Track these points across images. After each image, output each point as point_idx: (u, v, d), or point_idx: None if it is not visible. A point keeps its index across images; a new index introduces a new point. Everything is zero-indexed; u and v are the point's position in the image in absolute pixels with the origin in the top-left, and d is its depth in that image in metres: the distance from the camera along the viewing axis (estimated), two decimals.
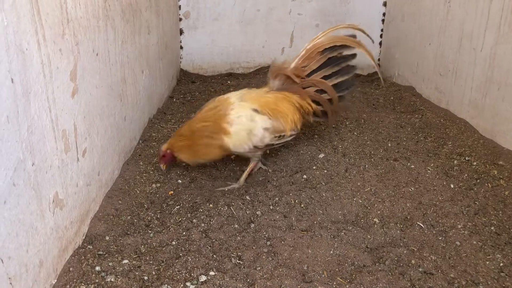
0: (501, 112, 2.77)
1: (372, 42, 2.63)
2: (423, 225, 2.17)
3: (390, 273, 1.86)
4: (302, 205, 2.31)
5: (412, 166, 2.67)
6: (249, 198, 2.35)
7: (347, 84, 2.69)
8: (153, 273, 1.79)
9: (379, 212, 2.27)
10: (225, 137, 2.34)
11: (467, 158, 2.72)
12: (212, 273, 1.80)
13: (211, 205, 2.28)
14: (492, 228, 2.13)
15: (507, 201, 2.30)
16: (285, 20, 4.49)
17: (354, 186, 2.48)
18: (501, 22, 2.75)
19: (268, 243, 2.02)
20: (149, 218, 2.17)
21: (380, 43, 4.55)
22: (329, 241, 2.04)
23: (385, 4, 4.41)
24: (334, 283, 1.81)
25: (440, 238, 2.08)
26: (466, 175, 2.56)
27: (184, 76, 4.46)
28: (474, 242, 2.05)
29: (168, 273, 1.79)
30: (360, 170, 2.63)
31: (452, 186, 2.47)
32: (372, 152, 2.84)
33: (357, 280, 1.82)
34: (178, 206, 2.27)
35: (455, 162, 2.69)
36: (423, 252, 1.99)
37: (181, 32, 4.49)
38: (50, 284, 1.64)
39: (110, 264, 1.81)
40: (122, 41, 2.47)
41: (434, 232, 2.12)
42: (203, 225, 2.13)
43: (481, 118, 2.96)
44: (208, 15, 4.45)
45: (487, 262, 1.92)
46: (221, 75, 4.57)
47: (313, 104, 2.61)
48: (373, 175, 2.58)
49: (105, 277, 1.74)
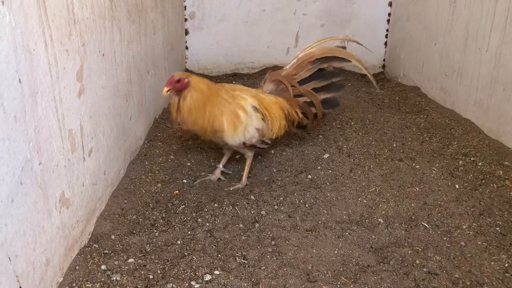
0: (507, 113, 2.76)
1: (371, 52, 2.63)
2: (428, 225, 2.17)
3: (395, 273, 1.86)
4: (307, 205, 2.31)
5: (417, 167, 2.67)
6: (254, 198, 2.36)
7: (333, 103, 2.71)
8: (158, 272, 1.81)
9: (384, 212, 2.27)
10: (234, 122, 2.32)
11: (472, 159, 2.71)
12: (217, 272, 1.81)
13: (216, 205, 2.29)
14: (497, 229, 2.12)
15: None
16: (290, 20, 4.49)
17: (359, 186, 2.48)
18: (507, 22, 2.74)
19: (273, 243, 2.03)
20: (155, 218, 2.18)
21: (385, 44, 4.54)
22: (334, 241, 2.04)
23: (391, 4, 4.40)
24: (339, 283, 1.81)
25: (445, 239, 2.08)
26: (471, 176, 2.55)
27: None
28: (479, 243, 2.04)
29: (173, 272, 1.80)
30: (365, 170, 2.64)
31: (457, 187, 2.46)
32: (377, 152, 2.84)
33: (362, 280, 1.82)
34: (183, 206, 2.28)
35: (460, 163, 2.69)
36: (428, 252, 1.99)
37: (187, 33, 4.50)
38: (57, 282, 1.66)
39: (116, 263, 1.82)
40: (128, 42, 2.49)
41: (439, 233, 2.12)
42: (208, 225, 2.14)
43: (487, 119, 2.95)
44: (214, 16, 4.46)
45: (492, 263, 1.92)
46: (226, 75, 4.58)
47: (300, 114, 2.62)
48: (378, 175, 2.58)
49: (111, 276, 1.76)
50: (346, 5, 4.44)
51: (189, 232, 2.07)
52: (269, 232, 2.10)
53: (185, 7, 4.41)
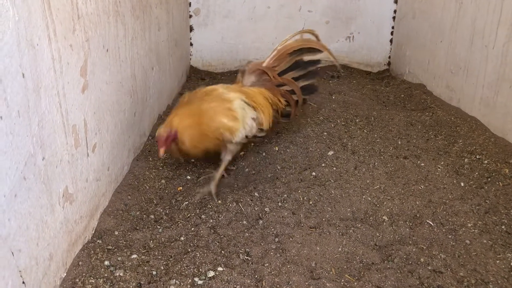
0: None
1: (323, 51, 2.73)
2: (433, 223, 2.15)
3: (399, 271, 1.85)
4: (311, 202, 2.30)
5: (422, 164, 2.65)
6: (258, 195, 2.35)
7: (311, 89, 2.77)
8: (162, 268, 1.80)
9: (388, 210, 2.26)
10: (233, 122, 2.32)
11: (478, 157, 2.69)
12: (220, 269, 1.81)
13: (220, 201, 2.28)
14: (503, 227, 2.11)
15: None
16: (295, 17, 4.47)
17: (363, 184, 2.46)
18: None
19: (276, 240, 2.02)
20: (158, 214, 2.18)
21: (391, 41, 4.51)
22: (338, 238, 2.03)
23: (396, 1, 4.37)
24: (342, 280, 1.80)
25: (450, 237, 2.07)
26: (477, 174, 2.53)
27: (194, 73, 4.46)
28: (484, 241, 2.03)
29: (177, 268, 1.80)
30: (370, 168, 2.62)
31: (463, 185, 2.44)
32: (382, 150, 2.83)
33: (366, 278, 1.81)
34: (187, 202, 2.28)
35: (466, 161, 2.67)
36: (432, 250, 1.98)
37: (191, 29, 4.49)
38: (60, 278, 1.66)
39: (119, 259, 1.82)
40: (132, 38, 2.48)
41: (444, 231, 2.11)
42: (212, 221, 2.13)
43: (493, 116, 2.93)
44: (218, 12, 4.45)
45: (497, 261, 1.90)
46: (231, 72, 4.57)
47: (284, 102, 2.65)
48: (383, 173, 2.57)
49: (114, 272, 1.76)
50: (352, 2, 4.41)
51: (193, 229, 2.07)
52: (273, 229, 2.09)
53: (190, 4, 4.40)
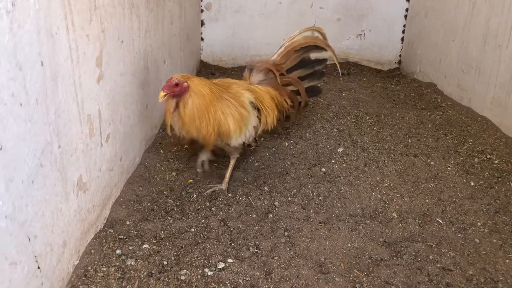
0: None
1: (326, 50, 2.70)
2: (442, 222, 2.16)
3: (408, 268, 1.86)
4: (320, 198, 2.31)
5: (432, 163, 2.65)
6: (268, 189, 2.36)
7: (315, 91, 2.72)
8: (172, 258, 1.82)
9: (398, 207, 2.26)
10: (236, 126, 2.22)
11: (489, 156, 2.68)
12: (230, 261, 1.82)
13: (230, 195, 2.30)
14: None
15: None
16: (307, 14, 4.46)
17: (373, 181, 2.47)
18: None
19: (286, 234, 2.03)
20: (169, 205, 2.19)
21: (402, 39, 4.50)
22: (347, 234, 2.04)
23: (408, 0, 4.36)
24: (351, 276, 1.81)
25: (459, 235, 2.07)
26: (487, 173, 2.53)
27: (204, 68, 4.47)
28: (494, 241, 2.03)
29: (187, 259, 1.82)
30: (380, 165, 2.62)
31: (473, 184, 2.44)
32: (392, 148, 2.83)
33: (374, 273, 1.82)
34: (197, 194, 2.29)
35: (476, 160, 2.66)
36: (442, 248, 1.98)
37: (202, 24, 4.50)
38: (73, 265, 1.68)
39: (131, 248, 1.84)
40: (146, 30, 2.49)
41: (453, 229, 2.11)
42: (222, 214, 2.15)
43: (504, 116, 2.92)
44: (230, 7, 4.45)
45: (507, 261, 1.91)
46: (241, 68, 4.57)
47: (290, 103, 2.57)
48: (393, 171, 2.57)
49: (126, 261, 1.78)
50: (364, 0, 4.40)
51: (203, 221, 2.09)
52: (282, 223, 2.10)
53: None
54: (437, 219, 2.17)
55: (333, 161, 2.65)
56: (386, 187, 2.42)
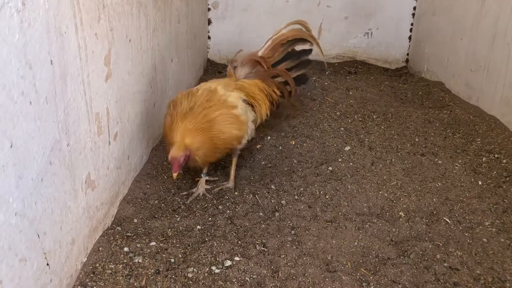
0: None
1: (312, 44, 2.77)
2: (449, 221, 2.15)
3: (415, 267, 1.86)
4: (327, 196, 2.31)
5: (440, 162, 2.64)
6: (274, 188, 2.37)
7: (303, 79, 2.79)
8: (180, 256, 1.83)
9: (405, 206, 2.26)
10: (240, 130, 2.23)
11: (497, 156, 2.67)
12: (237, 259, 1.83)
13: (237, 193, 2.30)
14: None
15: None
16: (314, 12, 4.46)
17: (380, 180, 2.46)
18: None
19: (293, 232, 2.04)
20: (176, 203, 2.20)
21: (410, 38, 4.48)
22: (354, 233, 2.04)
23: None
24: (358, 274, 1.81)
25: (467, 234, 2.06)
26: (495, 173, 2.51)
27: (211, 66, 4.48)
28: (502, 240, 2.02)
29: (194, 257, 1.83)
30: (387, 164, 2.62)
31: (480, 183, 2.43)
32: (399, 147, 2.82)
33: (381, 272, 1.82)
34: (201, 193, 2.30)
35: (484, 159, 2.65)
36: (449, 248, 1.98)
37: (209, 22, 4.50)
38: (81, 262, 1.70)
39: (138, 246, 1.85)
40: (154, 29, 2.50)
41: (461, 228, 2.10)
42: (229, 212, 2.15)
43: None
44: (237, 6, 4.45)
45: None
46: None
47: (278, 92, 2.62)
48: (400, 169, 2.56)
49: (133, 258, 1.79)
50: None
51: (210, 219, 2.09)
52: (289, 222, 2.10)
53: None
54: (445, 218, 2.16)
55: (340, 160, 2.65)
56: (393, 186, 2.41)
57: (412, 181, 2.46)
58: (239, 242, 1.95)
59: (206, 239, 1.95)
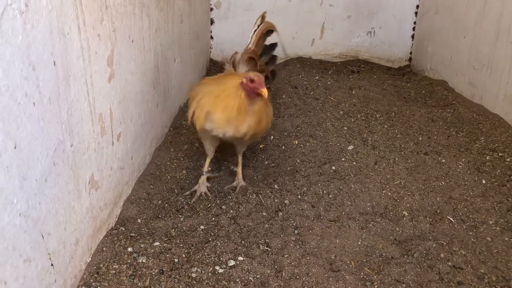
0: None
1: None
2: (453, 220, 2.14)
3: (419, 266, 1.85)
4: (331, 196, 2.31)
5: (443, 161, 2.64)
6: (278, 187, 2.37)
7: (274, 75, 2.82)
8: (183, 256, 1.83)
9: (409, 205, 2.25)
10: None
11: (500, 154, 2.66)
12: (241, 258, 1.83)
13: (240, 194, 2.30)
14: None
15: None
16: (316, 11, 4.45)
17: (383, 179, 2.46)
18: None
19: (296, 232, 2.04)
20: (179, 203, 2.21)
21: (413, 36, 4.47)
22: (357, 232, 2.04)
23: None
24: (362, 274, 1.81)
25: (471, 233, 2.06)
26: (499, 171, 2.51)
27: (214, 66, 4.48)
28: (506, 239, 2.02)
29: (198, 257, 1.83)
30: (390, 163, 2.61)
31: (484, 182, 2.42)
32: (403, 146, 2.82)
33: (385, 272, 1.82)
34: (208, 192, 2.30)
35: (488, 158, 2.64)
36: (453, 247, 1.97)
37: (212, 22, 4.51)
38: (85, 262, 1.70)
39: (142, 246, 1.86)
40: (156, 29, 2.51)
41: (465, 227, 2.10)
42: (232, 212, 2.15)
43: None
44: (239, 5, 4.45)
45: None
46: None
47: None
48: (403, 168, 2.56)
49: (137, 258, 1.79)
50: None
51: (213, 219, 2.10)
52: (293, 221, 2.10)
53: None
54: (448, 217, 2.16)
55: (343, 159, 2.65)
56: (397, 185, 2.41)
57: (416, 180, 2.45)
58: (243, 242, 1.95)
59: (210, 239, 1.95)
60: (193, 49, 3.62)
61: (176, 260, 1.81)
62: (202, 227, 2.03)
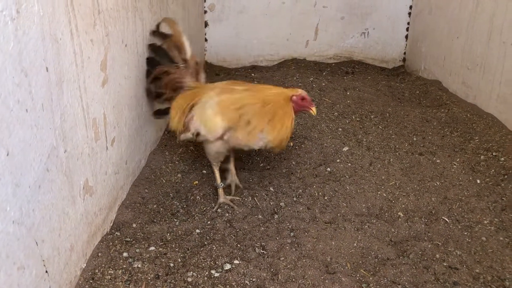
0: None
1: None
2: (448, 220, 2.15)
3: (414, 267, 1.86)
4: (326, 198, 2.31)
5: (438, 161, 2.64)
6: (273, 190, 2.37)
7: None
8: (179, 260, 1.83)
9: (404, 206, 2.26)
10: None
11: (495, 154, 2.67)
12: (237, 262, 1.83)
13: (237, 197, 2.30)
14: None
15: None
16: (310, 13, 4.46)
17: (379, 180, 2.47)
18: None
19: (292, 234, 2.04)
20: (175, 207, 2.20)
21: (406, 37, 4.48)
22: (353, 234, 2.04)
23: None
24: (358, 275, 1.81)
25: (466, 233, 2.06)
26: (493, 171, 2.52)
27: (209, 69, 4.48)
28: (501, 238, 2.02)
29: (193, 261, 1.83)
30: (385, 164, 2.62)
31: (479, 182, 2.43)
32: (397, 146, 2.82)
33: (381, 273, 1.82)
34: (203, 196, 2.30)
35: (482, 157, 2.65)
36: (448, 247, 1.98)
37: (206, 25, 4.51)
38: (80, 268, 1.69)
39: (137, 251, 1.85)
40: (150, 33, 2.50)
41: (460, 227, 2.10)
42: (227, 215, 2.15)
43: (510, 113, 2.90)
44: (233, 8, 4.45)
45: None
46: (245, 68, 4.58)
47: None
48: (398, 169, 2.56)
49: (132, 263, 1.79)
50: None
51: (209, 222, 2.09)
52: (288, 224, 2.10)
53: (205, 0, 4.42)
54: (443, 218, 2.17)
55: (338, 161, 2.65)
56: (392, 186, 2.41)
57: (411, 181, 2.46)
58: (238, 245, 1.95)
59: (205, 243, 1.95)
60: None
61: (172, 265, 1.80)
62: (198, 231, 2.03)
